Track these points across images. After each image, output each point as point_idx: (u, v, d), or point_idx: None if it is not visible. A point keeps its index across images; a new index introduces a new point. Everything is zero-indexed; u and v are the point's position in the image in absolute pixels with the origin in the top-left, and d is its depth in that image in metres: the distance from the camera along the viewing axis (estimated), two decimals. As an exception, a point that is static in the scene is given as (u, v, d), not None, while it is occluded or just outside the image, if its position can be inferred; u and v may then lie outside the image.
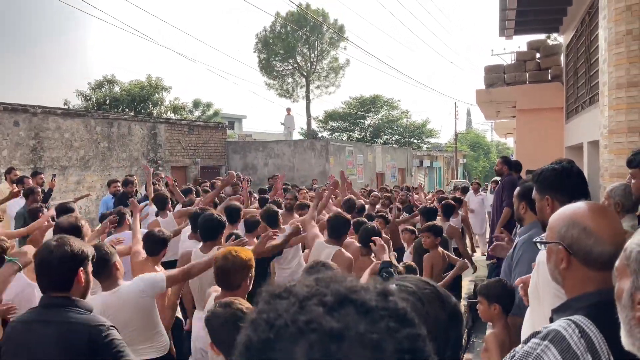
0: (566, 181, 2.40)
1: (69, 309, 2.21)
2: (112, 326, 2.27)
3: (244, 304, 2.44)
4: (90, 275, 2.36)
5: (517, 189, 3.31)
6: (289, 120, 22.48)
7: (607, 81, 5.48)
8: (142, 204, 8.02)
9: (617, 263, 1.38)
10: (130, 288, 3.08)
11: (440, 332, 1.14)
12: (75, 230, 3.48)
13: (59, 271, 2.23)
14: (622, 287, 1.33)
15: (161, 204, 6.49)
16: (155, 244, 4.00)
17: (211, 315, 2.39)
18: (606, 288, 1.55)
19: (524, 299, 2.45)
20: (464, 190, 12.45)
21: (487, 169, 56.10)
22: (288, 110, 23.62)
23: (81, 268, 2.28)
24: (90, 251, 2.36)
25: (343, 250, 4.25)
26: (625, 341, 1.29)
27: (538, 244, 1.80)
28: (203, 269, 3.45)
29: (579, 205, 1.65)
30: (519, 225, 3.73)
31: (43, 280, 2.26)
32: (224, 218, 4.45)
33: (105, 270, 3.01)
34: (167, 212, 6.46)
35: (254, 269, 2.96)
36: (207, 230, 4.18)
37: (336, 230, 4.36)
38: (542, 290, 2.15)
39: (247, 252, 2.97)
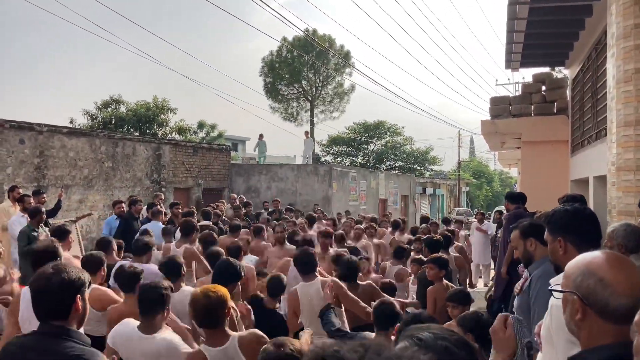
0: (579, 223, 2.37)
1: (67, 339, 2.16)
2: None
3: (295, 344, 2.41)
4: (87, 303, 2.31)
5: (517, 231, 3.26)
6: (308, 144, 22.60)
7: (614, 118, 5.48)
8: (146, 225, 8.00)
9: (636, 317, 1.34)
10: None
11: None
12: (52, 254, 3.50)
13: (57, 299, 2.18)
14: None
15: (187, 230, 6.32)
16: (129, 279, 3.93)
17: (265, 355, 2.35)
18: (623, 341, 1.51)
19: (540, 346, 2.40)
20: (445, 221, 11.91)
21: (489, 198, 56.02)
22: (306, 133, 23.76)
23: (78, 295, 2.23)
24: (87, 278, 2.31)
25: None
26: None
27: (554, 293, 1.75)
28: None
29: (596, 255, 1.60)
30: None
31: (40, 308, 2.20)
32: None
33: None
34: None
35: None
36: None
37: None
38: (555, 335, 2.10)
39: (224, 290, 2.90)
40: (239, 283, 4.04)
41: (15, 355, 2.17)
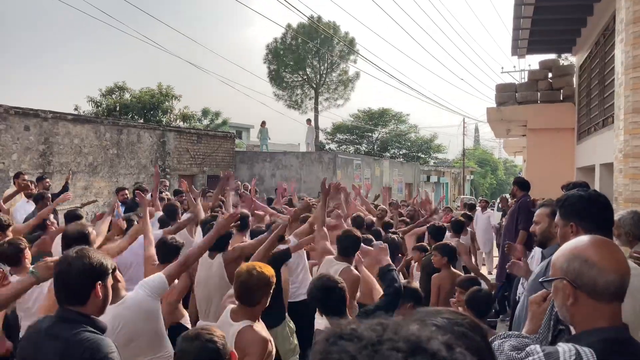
0: (593, 209, 2.34)
1: (80, 326, 2.13)
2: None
3: (214, 332, 2.25)
4: (110, 290, 2.28)
5: (547, 209, 3.27)
6: (310, 131, 22.52)
7: (622, 105, 5.42)
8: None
9: None
10: (136, 297, 2.98)
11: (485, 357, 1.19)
12: (83, 238, 3.42)
13: (75, 284, 2.16)
14: None
15: (171, 214, 6.38)
16: (169, 251, 3.96)
17: (179, 353, 2.22)
18: (618, 325, 1.55)
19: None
20: (471, 207, 12.29)
21: (494, 186, 55.89)
22: (308, 121, 23.66)
23: (99, 282, 2.20)
24: (110, 264, 2.28)
25: (352, 268, 4.19)
26: None
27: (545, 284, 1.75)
28: (198, 255, 3.46)
29: (580, 239, 1.65)
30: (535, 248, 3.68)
31: (60, 292, 2.19)
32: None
33: None
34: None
35: (274, 286, 2.94)
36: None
37: (346, 248, 4.31)
38: None
39: (269, 269, 2.94)
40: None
41: (31, 340, 2.17)
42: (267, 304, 2.95)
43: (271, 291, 2.92)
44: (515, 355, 1.60)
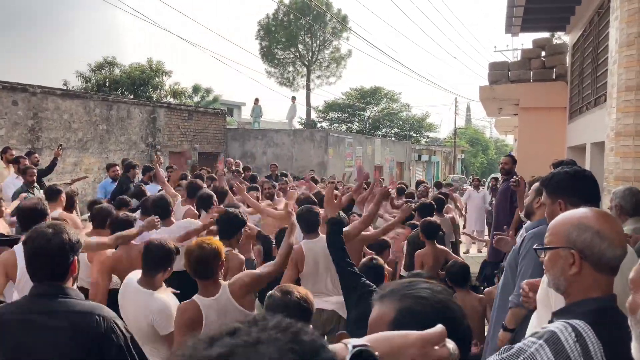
0: (580, 184, 2.39)
1: (70, 298, 2.15)
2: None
3: (300, 291, 2.48)
4: (78, 264, 2.31)
5: (536, 184, 3.30)
6: (292, 109, 22.45)
7: (616, 83, 5.42)
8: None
9: (632, 274, 1.34)
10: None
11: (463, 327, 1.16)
12: (39, 213, 3.55)
13: (57, 260, 2.14)
14: (638, 301, 1.29)
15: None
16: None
17: (272, 302, 2.40)
18: (608, 294, 1.57)
19: (525, 299, 2.44)
20: (438, 185, 12.04)
21: (484, 165, 56.13)
22: (293, 99, 23.57)
23: (76, 257, 2.22)
24: (82, 238, 2.32)
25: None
26: (637, 354, 1.28)
27: (539, 252, 1.74)
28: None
29: (584, 210, 1.65)
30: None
31: (38, 269, 2.17)
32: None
33: None
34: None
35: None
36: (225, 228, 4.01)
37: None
38: (554, 298, 2.11)
39: (218, 242, 2.96)
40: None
41: (19, 324, 2.10)
42: (222, 276, 2.97)
43: (221, 263, 2.90)
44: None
